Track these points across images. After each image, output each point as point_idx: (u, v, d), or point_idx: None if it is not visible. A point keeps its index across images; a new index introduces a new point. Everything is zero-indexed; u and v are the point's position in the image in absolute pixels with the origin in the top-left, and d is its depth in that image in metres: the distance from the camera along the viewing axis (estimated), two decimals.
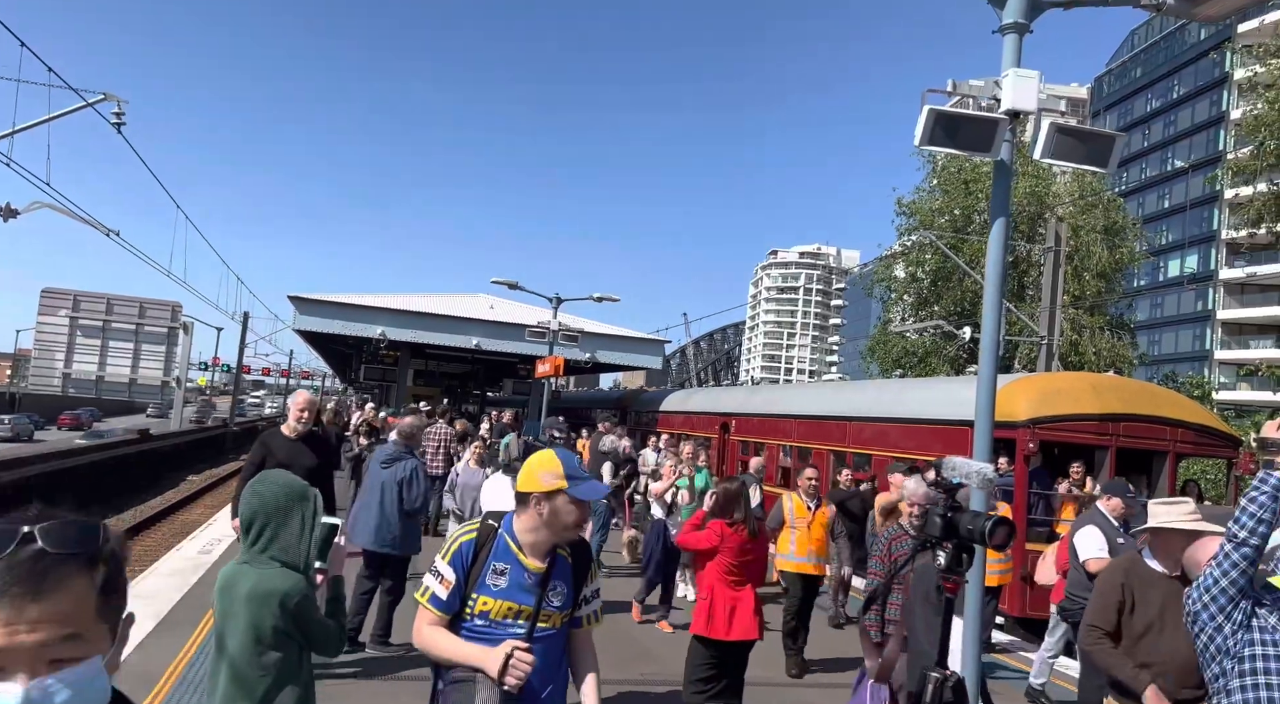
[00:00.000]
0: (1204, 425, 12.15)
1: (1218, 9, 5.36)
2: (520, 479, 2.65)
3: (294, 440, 6.12)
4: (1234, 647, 2.91)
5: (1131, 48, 69.46)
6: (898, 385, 18.84)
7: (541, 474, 2.61)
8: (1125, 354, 28.91)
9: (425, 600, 2.64)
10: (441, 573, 2.64)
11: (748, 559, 5.38)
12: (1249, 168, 21.35)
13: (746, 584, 5.45)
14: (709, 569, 5.44)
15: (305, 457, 5.95)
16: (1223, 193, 47.27)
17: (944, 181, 30.07)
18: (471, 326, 25.37)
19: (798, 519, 7.90)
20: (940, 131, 4.88)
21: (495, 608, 2.62)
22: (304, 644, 2.93)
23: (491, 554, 2.65)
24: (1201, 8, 5.30)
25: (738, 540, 5.34)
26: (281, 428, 6.31)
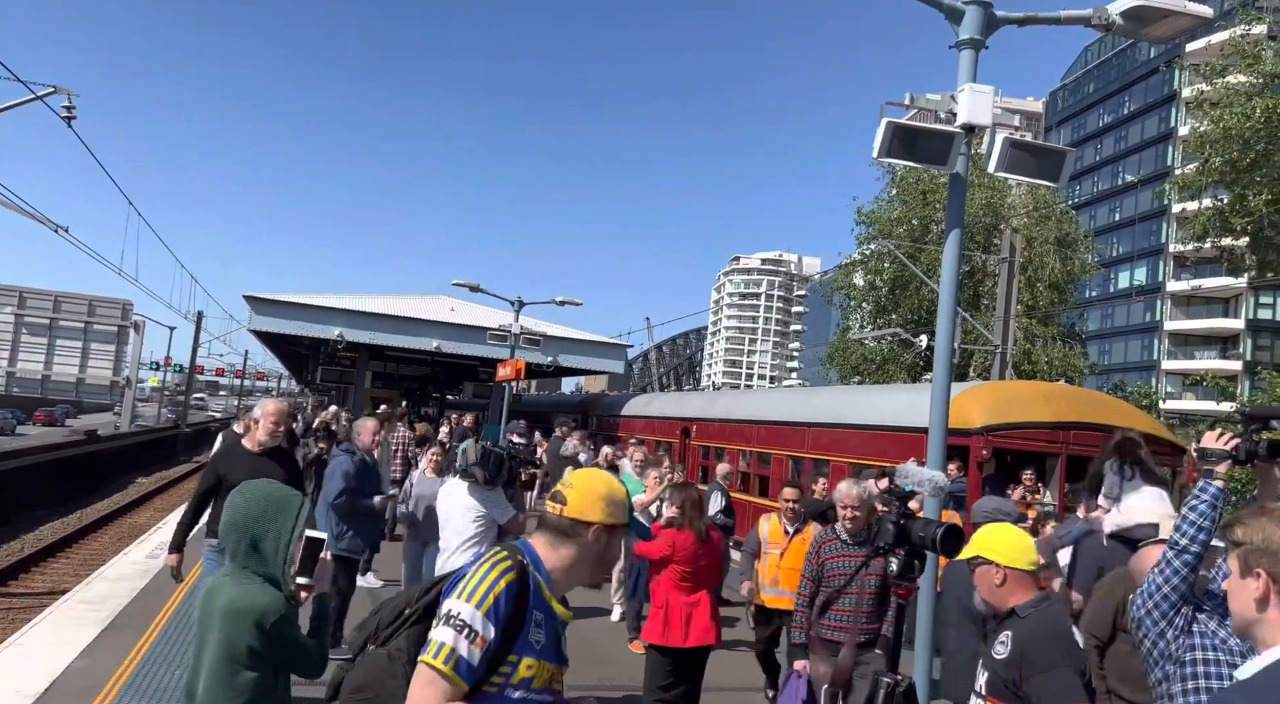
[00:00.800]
0: (1150, 434, 12.44)
1: (1165, 30, 5.53)
2: (577, 501, 2.11)
3: (259, 455, 5.42)
4: (1176, 651, 2.98)
5: (1085, 64, 71.27)
6: (855, 392, 19.08)
7: (610, 502, 2.12)
8: (1076, 363, 29.61)
9: (449, 668, 1.89)
10: (474, 628, 1.93)
11: (701, 565, 5.39)
12: (1195, 184, 22.03)
13: (701, 590, 5.44)
14: (663, 577, 5.42)
15: (268, 473, 5.52)
16: (1170, 207, 48.66)
17: (903, 192, 30.55)
18: (431, 329, 25.13)
19: (770, 545, 6.74)
20: (898, 144, 4.97)
21: (539, 673, 2.05)
22: (281, 666, 2.72)
23: (532, 600, 2.03)
24: (1150, 28, 5.47)
25: (688, 546, 5.36)
26: (244, 441, 5.60)
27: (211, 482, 5.35)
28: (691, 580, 5.39)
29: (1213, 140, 20.51)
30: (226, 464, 5.42)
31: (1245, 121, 19.65)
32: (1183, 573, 3.18)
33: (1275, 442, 3.09)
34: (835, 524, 5.20)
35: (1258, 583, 2.04)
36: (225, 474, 5.31)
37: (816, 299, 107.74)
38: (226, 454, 5.61)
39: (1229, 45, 21.91)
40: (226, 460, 5.50)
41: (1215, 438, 3.18)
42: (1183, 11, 5.16)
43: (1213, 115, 20.68)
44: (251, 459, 5.40)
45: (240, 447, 5.57)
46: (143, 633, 6.95)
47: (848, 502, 5.08)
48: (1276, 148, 19.46)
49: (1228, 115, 20.04)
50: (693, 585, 5.39)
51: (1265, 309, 52.90)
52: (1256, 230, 20.71)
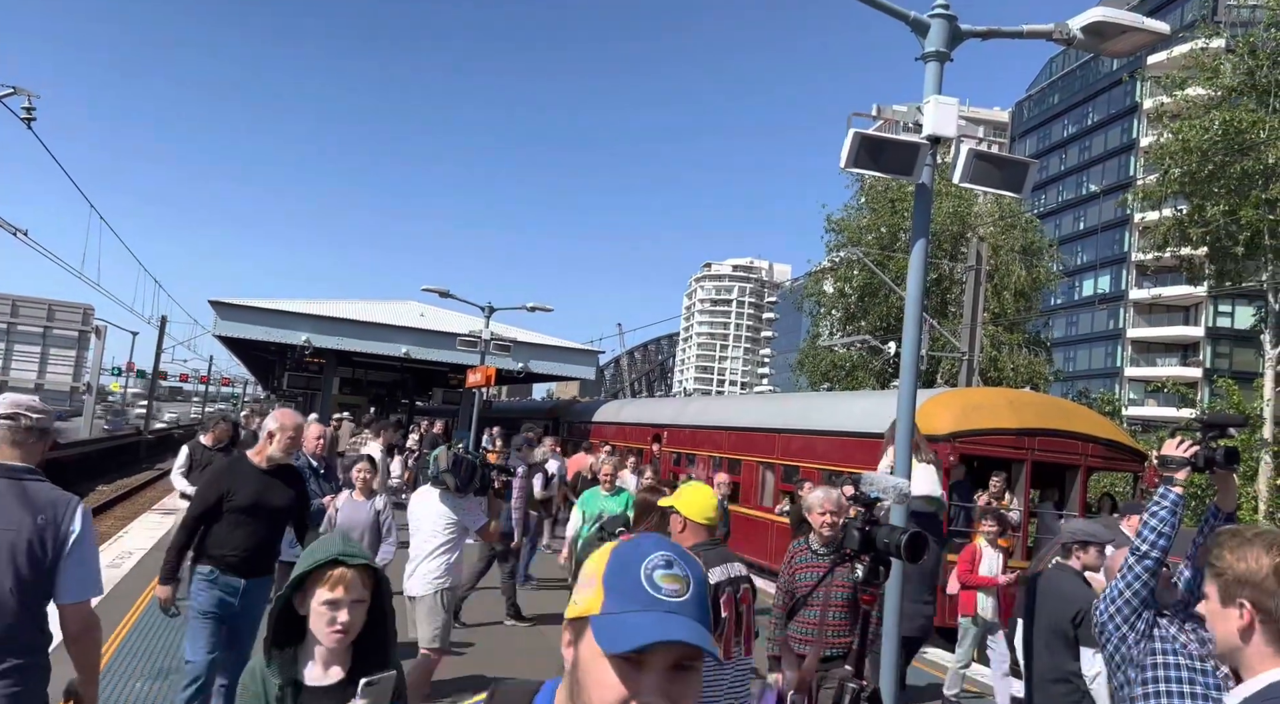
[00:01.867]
0: (1113, 440, 12.69)
1: (1124, 45, 5.64)
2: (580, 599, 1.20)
3: (267, 473, 4.89)
4: (1137, 656, 3.02)
5: (1050, 75, 72.54)
6: (825, 398, 19.20)
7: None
8: (1041, 370, 30.05)
9: None
10: None
11: None
12: (1155, 194, 22.49)
13: None
14: None
15: (277, 494, 4.89)
16: (1133, 217, 49.60)
17: (871, 200, 30.86)
18: (400, 334, 24.92)
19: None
20: (865, 154, 5.01)
21: None
22: None
23: None
24: (1109, 43, 5.58)
25: None
26: (250, 454, 5.02)
27: (211, 501, 4.77)
28: None
29: (1172, 152, 20.97)
30: (231, 481, 4.85)
31: (1204, 134, 20.11)
32: (1144, 578, 3.23)
33: (1232, 449, 3.15)
34: (808, 535, 5.12)
35: (1240, 614, 2.00)
36: (229, 492, 4.78)
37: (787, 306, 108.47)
38: (230, 471, 4.98)
39: (1188, 58, 22.43)
40: (230, 478, 4.88)
41: (1175, 445, 3.23)
42: (1140, 27, 5.28)
43: (1172, 127, 21.15)
44: (260, 478, 4.86)
45: (246, 462, 5.00)
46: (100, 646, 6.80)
47: (827, 507, 4.95)
48: (1234, 160, 19.93)
49: (1187, 127, 20.51)
50: None
51: (1224, 317, 54.03)
52: (1214, 240, 21.19)
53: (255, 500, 4.78)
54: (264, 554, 4.92)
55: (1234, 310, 52.42)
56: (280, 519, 4.97)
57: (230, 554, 4.74)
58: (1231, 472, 3.23)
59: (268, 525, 4.88)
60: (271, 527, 4.92)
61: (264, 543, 4.89)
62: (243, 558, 4.77)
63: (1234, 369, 44.93)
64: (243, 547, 4.76)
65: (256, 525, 4.80)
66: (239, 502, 4.76)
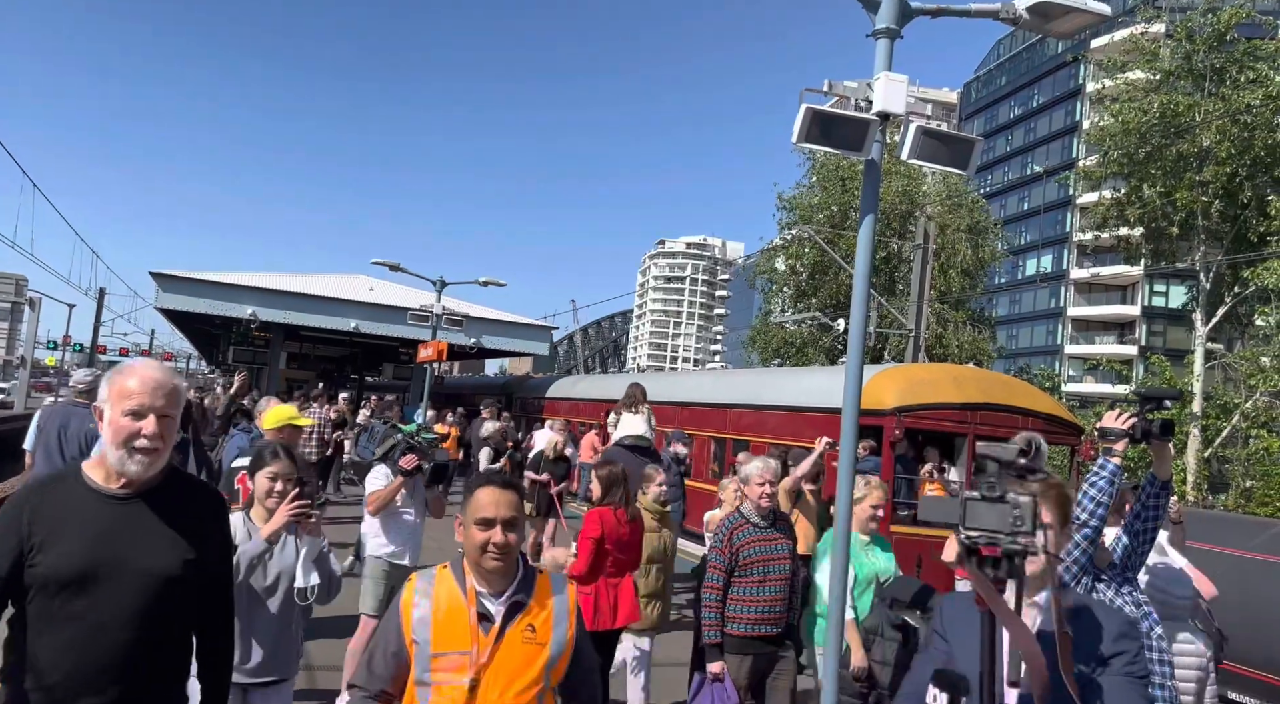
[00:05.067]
0: (1051, 414, 13.08)
1: (1068, 25, 5.76)
2: None
3: (115, 500, 2.26)
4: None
5: (997, 57, 73.63)
6: (775, 374, 19.44)
7: None
8: (985, 347, 30.76)
9: None
10: None
11: (626, 542, 5.39)
12: (1095, 175, 23.08)
13: (627, 572, 5.45)
14: (593, 561, 5.25)
15: (147, 545, 2.28)
16: (1075, 197, 50.82)
17: (823, 178, 31.08)
18: (350, 309, 24.53)
19: None
20: (816, 130, 5.04)
21: None
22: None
23: None
24: (1054, 24, 5.69)
25: (619, 526, 5.32)
26: (86, 466, 2.35)
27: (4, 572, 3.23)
28: (619, 563, 5.34)
29: (1112, 134, 21.52)
30: (38, 525, 3.13)
31: (1142, 116, 20.66)
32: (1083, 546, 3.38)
33: (1168, 421, 3.28)
34: (741, 507, 4.97)
35: None
36: (34, 549, 3.35)
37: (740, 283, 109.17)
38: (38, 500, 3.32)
39: (1129, 43, 22.96)
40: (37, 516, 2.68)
41: (1114, 418, 3.36)
42: (1083, 9, 5.38)
43: (1112, 109, 21.68)
44: (105, 512, 3.94)
45: (77, 484, 3.72)
46: None
47: (766, 477, 4.84)
48: (1170, 142, 20.53)
49: (1126, 110, 21.03)
50: (619, 568, 5.34)
51: (1159, 297, 55.81)
52: (1150, 221, 21.84)
53: (92, 564, 2.18)
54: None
55: (1168, 290, 54.19)
56: (166, 599, 2.26)
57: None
58: (1167, 442, 3.36)
59: (135, 623, 2.21)
60: (146, 626, 2.23)
61: (131, 665, 2.20)
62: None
63: (1168, 347, 46.58)
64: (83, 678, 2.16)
65: (106, 624, 2.18)
66: (60, 567, 2.17)
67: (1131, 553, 3.68)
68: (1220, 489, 22.28)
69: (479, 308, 26.62)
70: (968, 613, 2.37)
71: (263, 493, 3.56)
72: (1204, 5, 21.19)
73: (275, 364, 28.84)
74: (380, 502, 5.78)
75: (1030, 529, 1.88)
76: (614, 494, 5.36)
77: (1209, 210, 20.81)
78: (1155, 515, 3.58)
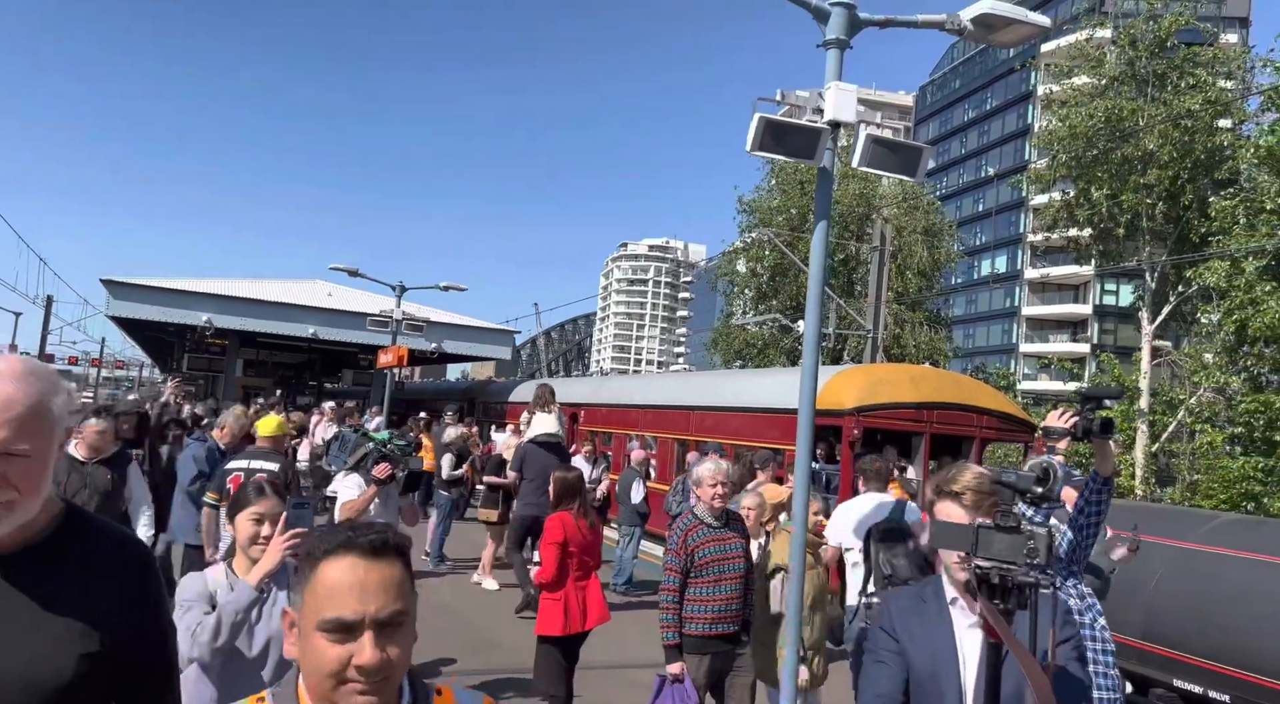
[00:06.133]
0: (1005, 413, 13.39)
1: (1011, 36, 5.95)
2: None
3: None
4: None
5: (951, 60, 74.94)
6: (737, 376, 19.62)
7: None
8: (942, 347, 31.34)
9: None
10: None
11: (588, 544, 5.46)
12: (1045, 178, 23.68)
13: (592, 573, 5.51)
14: (558, 566, 5.27)
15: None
16: (1027, 199, 51.92)
17: (782, 182, 31.44)
18: (308, 314, 24.24)
19: None
20: (769, 138, 5.16)
21: None
22: None
23: None
24: (997, 34, 5.88)
25: (580, 531, 5.38)
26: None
27: None
28: (584, 566, 5.39)
29: (1060, 137, 22.09)
30: None
31: (1089, 121, 21.24)
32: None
33: (1108, 419, 3.39)
34: (695, 508, 4.98)
35: None
36: None
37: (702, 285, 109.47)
38: None
39: (1076, 49, 23.58)
40: None
41: (1057, 416, 3.49)
42: (1024, 21, 5.58)
43: (1060, 114, 22.25)
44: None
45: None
46: None
47: (718, 478, 4.86)
48: (1116, 146, 21.13)
49: (1073, 114, 21.61)
50: (584, 571, 5.39)
51: (1110, 295, 57.19)
52: (1098, 222, 22.45)
53: None
54: None
55: (1118, 289, 55.59)
56: None
57: None
58: (1108, 440, 3.49)
59: None
60: None
61: None
62: None
63: (1118, 344, 47.77)
64: None
65: None
66: None
67: (1076, 547, 3.82)
68: (1167, 483, 22.95)
69: (440, 312, 26.47)
70: (918, 608, 2.41)
71: (246, 538, 2.95)
72: (1146, 12, 21.86)
73: (232, 372, 28.38)
74: (353, 512, 5.63)
75: (1045, 561, 1.84)
76: (569, 500, 5.42)
77: (1153, 212, 21.46)
78: (1098, 511, 3.71)
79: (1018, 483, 2.06)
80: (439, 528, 10.84)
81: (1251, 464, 18.35)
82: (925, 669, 2.32)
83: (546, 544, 5.32)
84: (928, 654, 2.32)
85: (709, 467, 4.92)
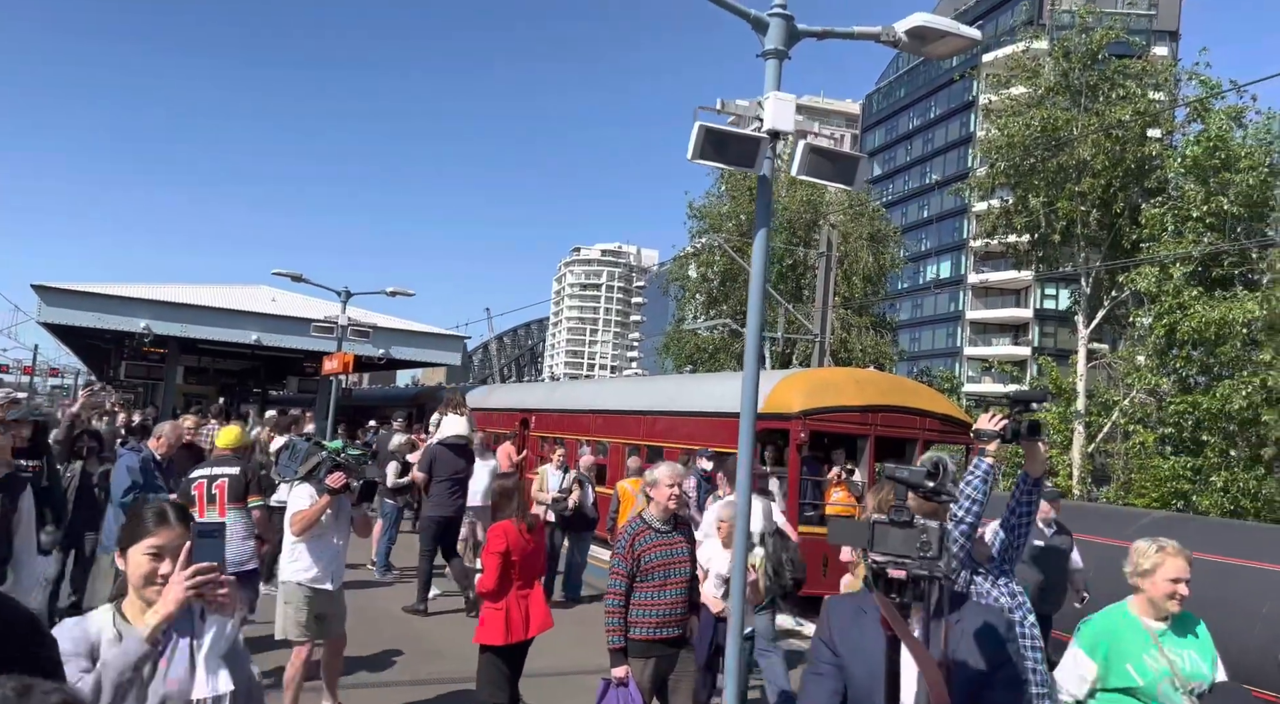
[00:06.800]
0: (946, 415, 13.70)
1: (943, 48, 6.12)
2: None
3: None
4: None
5: (896, 70, 76.45)
6: (687, 380, 19.74)
7: None
8: (888, 351, 31.94)
9: None
10: None
11: (530, 553, 5.44)
12: (985, 185, 24.31)
13: (534, 580, 5.50)
14: (500, 574, 5.24)
15: None
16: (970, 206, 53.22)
17: (731, 188, 31.75)
18: (250, 320, 23.75)
19: None
20: (709, 147, 5.23)
21: None
22: None
23: None
24: (931, 46, 6.05)
25: (519, 538, 5.36)
26: None
27: None
28: (526, 574, 5.36)
29: (998, 146, 22.71)
30: None
31: (1026, 130, 21.88)
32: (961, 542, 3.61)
33: (1035, 422, 3.50)
34: (644, 512, 5.03)
35: None
36: None
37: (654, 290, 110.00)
38: None
39: (1012, 60, 24.26)
40: None
41: (987, 420, 3.59)
42: (956, 33, 5.75)
43: (999, 123, 22.87)
44: None
45: None
46: None
47: (675, 480, 4.92)
48: (1051, 155, 21.78)
49: (1011, 124, 22.23)
50: (527, 579, 5.37)
51: (1049, 300, 58.81)
52: (1035, 229, 23.13)
53: None
54: None
55: (1057, 293, 57.17)
56: None
57: None
58: (1036, 441, 3.60)
59: None
60: None
61: None
62: None
63: (1058, 347, 49.09)
64: None
65: None
66: None
67: (1008, 547, 3.93)
68: (1103, 482, 23.66)
69: (387, 318, 26.15)
70: (857, 619, 2.35)
71: (140, 577, 2.31)
72: (1079, 26, 22.58)
73: (172, 379, 27.68)
74: (305, 522, 5.56)
75: (937, 554, 1.86)
76: (508, 507, 5.40)
77: (1087, 219, 22.16)
78: (1029, 511, 3.84)
79: (909, 477, 2.13)
80: (385, 537, 10.71)
81: (1181, 463, 19.02)
82: (864, 682, 2.29)
83: (489, 554, 5.31)
84: (866, 667, 2.28)
85: (664, 470, 4.98)
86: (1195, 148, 19.60)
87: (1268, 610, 6.77)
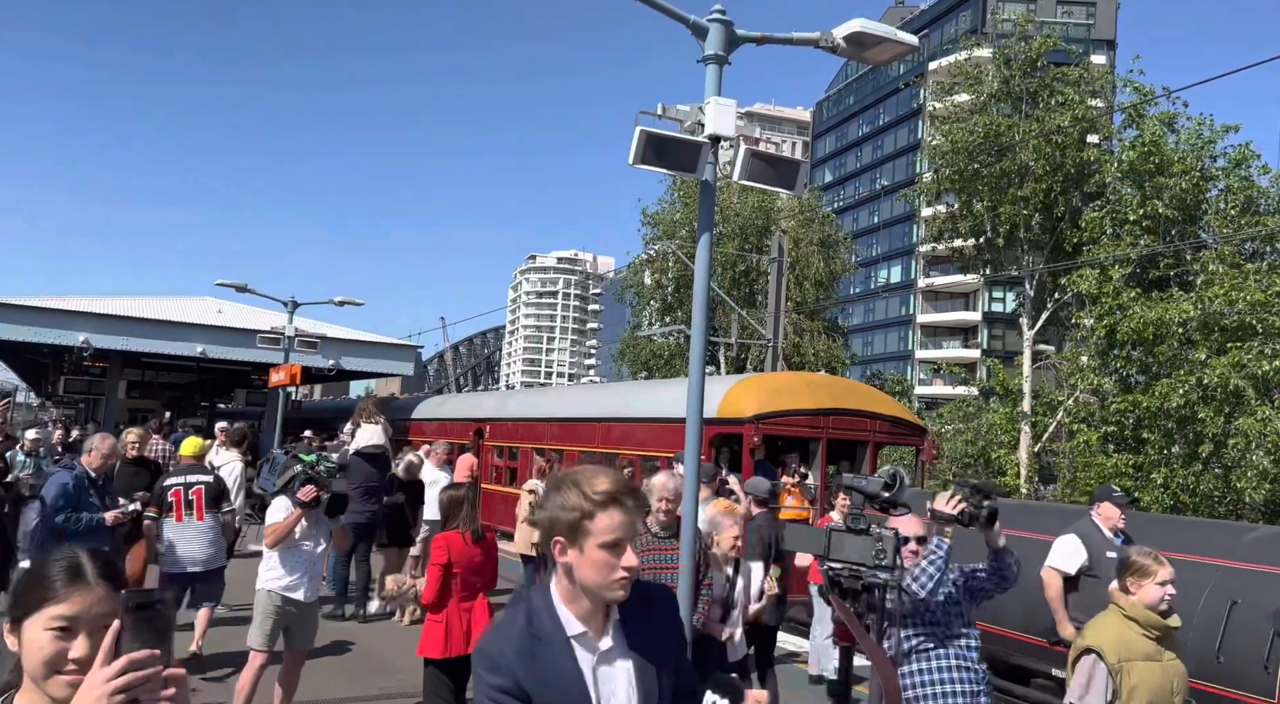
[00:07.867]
0: (896, 417, 13.88)
1: (881, 54, 6.20)
2: None
3: None
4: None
5: (846, 77, 77.62)
6: (642, 387, 19.76)
7: None
8: (840, 354, 32.35)
9: None
10: None
11: (476, 565, 5.36)
12: (931, 190, 24.78)
13: (479, 594, 5.41)
14: (442, 586, 5.18)
15: None
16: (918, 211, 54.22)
17: (684, 195, 31.93)
18: (195, 332, 23.18)
19: None
20: (651, 152, 5.22)
21: None
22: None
23: None
24: (869, 52, 6.12)
25: (464, 548, 5.29)
26: None
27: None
28: (469, 586, 5.29)
29: (943, 152, 23.16)
30: None
31: (969, 136, 22.35)
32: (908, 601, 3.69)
33: (994, 510, 3.50)
34: (644, 519, 4.96)
35: None
36: None
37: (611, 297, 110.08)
38: None
39: (956, 67, 24.78)
40: None
41: (945, 502, 3.58)
42: (893, 39, 5.84)
43: (944, 130, 23.33)
44: None
45: None
46: None
47: (666, 493, 4.97)
48: (994, 160, 22.28)
49: (955, 130, 22.69)
50: (470, 591, 5.30)
51: (997, 302, 60.07)
52: (979, 233, 23.61)
53: None
54: None
55: (1005, 296, 58.43)
56: None
57: None
58: (990, 529, 3.58)
59: None
60: None
61: None
62: None
63: (1006, 349, 50.17)
64: None
65: None
66: None
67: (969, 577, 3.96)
68: (1049, 481, 24.19)
69: (336, 328, 25.73)
70: (535, 650, 1.88)
71: (40, 664, 1.46)
72: (1018, 33, 23.16)
73: (114, 394, 26.89)
74: (277, 535, 5.64)
75: (892, 562, 1.88)
76: (456, 518, 5.35)
77: (1030, 223, 22.69)
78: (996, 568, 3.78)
79: (866, 487, 2.15)
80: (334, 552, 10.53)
81: (1123, 461, 19.50)
82: None
83: (431, 565, 5.27)
84: (565, 699, 1.86)
85: (660, 479, 5.07)
86: (1131, 153, 20.17)
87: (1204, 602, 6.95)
